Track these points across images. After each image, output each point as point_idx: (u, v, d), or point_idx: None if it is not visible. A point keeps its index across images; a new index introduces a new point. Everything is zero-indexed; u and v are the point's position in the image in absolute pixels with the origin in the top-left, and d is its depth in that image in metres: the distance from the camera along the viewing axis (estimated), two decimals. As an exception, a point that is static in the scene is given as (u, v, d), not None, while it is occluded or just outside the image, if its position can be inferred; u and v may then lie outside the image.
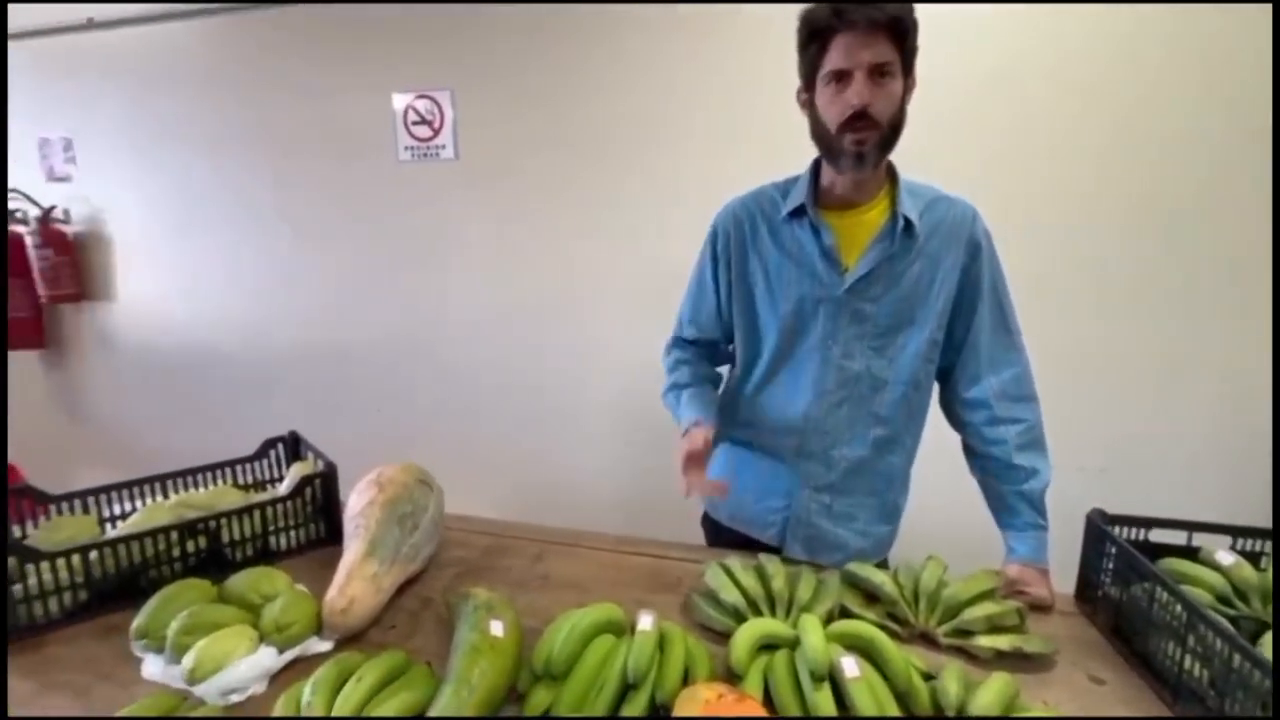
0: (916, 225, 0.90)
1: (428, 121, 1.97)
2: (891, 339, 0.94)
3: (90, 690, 0.72)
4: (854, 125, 0.83)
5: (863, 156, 0.85)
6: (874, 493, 1.02)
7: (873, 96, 0.82)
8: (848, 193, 0.92)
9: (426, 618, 0.87)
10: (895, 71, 0.83)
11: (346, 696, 0.63)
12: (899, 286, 0.92)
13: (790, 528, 1.02)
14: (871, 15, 0.79)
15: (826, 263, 0.93)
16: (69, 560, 0.83)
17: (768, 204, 0.99)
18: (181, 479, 1.11)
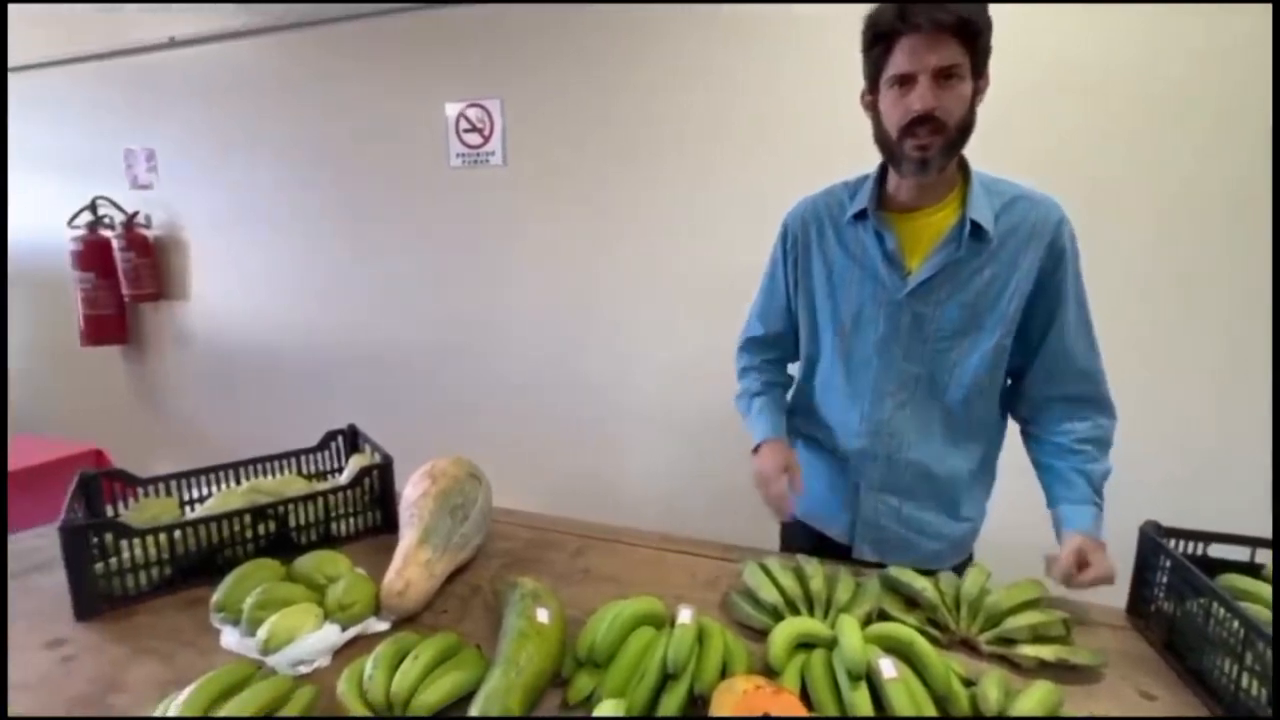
0: (989, 229, 0.86)
1: (478, 129, 2.04)
2: (957, 343, 0.92)
3: (175, 656, 0.79)
4: (916, 130, 0.82)
5: (926, 162, 0.83)
6: (944, 497, 0.99)
7: (938, 100, 0.80)
8: (913, 195, 0.90)
9: (475, 604, 0.91)
10: (963, 74, 0.80)
11: (405, 672, 0.67)
12: (966, 291, 0.89)
13: (858, 529, 1.02)
14: (937, 17, 0.77)
15: (889, 266, 0.92)
16: (156, 538, 0.91)
17: (835, 205, 0.99)
18: (252, 466, 1.19)
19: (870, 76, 0.87)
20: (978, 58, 0.81)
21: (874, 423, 0.97)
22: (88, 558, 0.86)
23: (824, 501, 1.06)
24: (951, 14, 0.76)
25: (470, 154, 2.07)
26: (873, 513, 1.01)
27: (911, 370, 0.93)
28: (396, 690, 0.66)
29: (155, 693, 0.72)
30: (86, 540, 0.86)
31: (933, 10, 0.76)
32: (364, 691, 0.67)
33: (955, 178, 0.91)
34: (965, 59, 0.79)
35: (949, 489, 0.99)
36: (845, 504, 1.03)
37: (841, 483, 1.03)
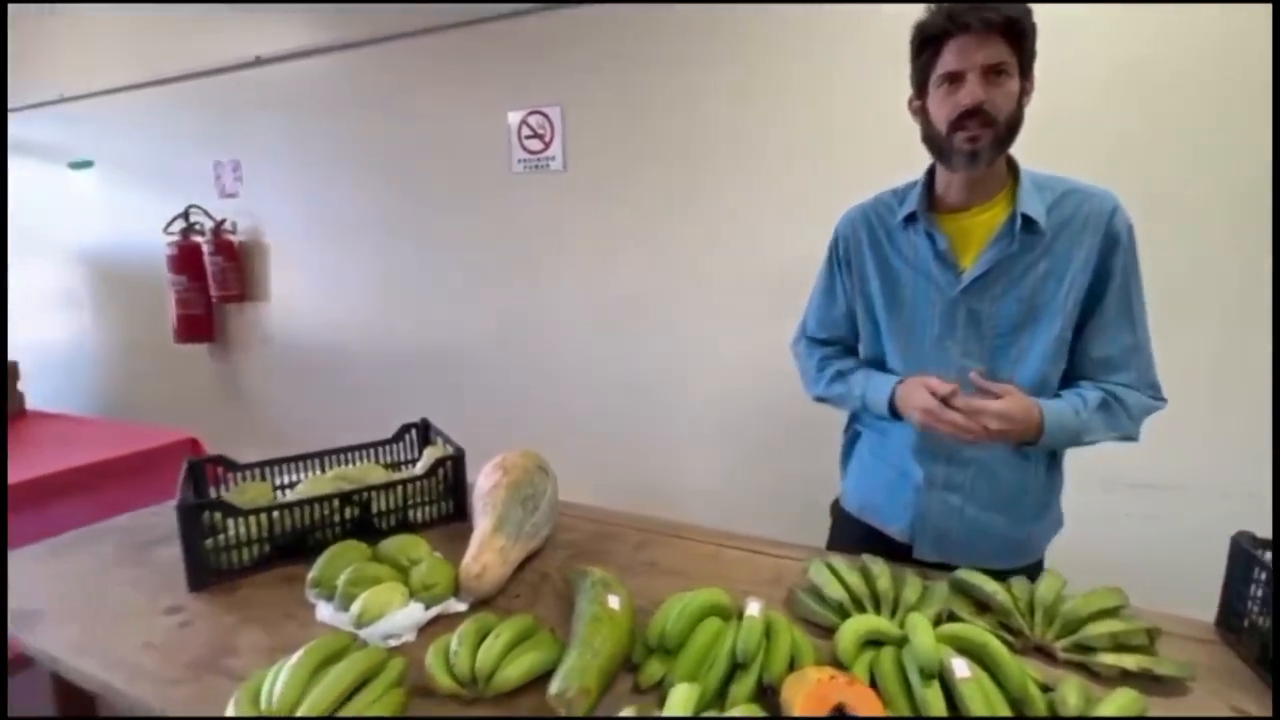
0: (1041, 222, 0.87)
1: (539, 135, 2.11)
2: (1015, 339, 0.92)
3: (277, 626, 0.86)
4: (966, 123, 0.84)
5: (976, 154, 0.85)
6: (1008, 497, 0.98)
7: (987, 94, 0.82)
8: (963, 195, 0.92)
9: (545, 590, 0.95)
10: (1011, 71, 0.83)
11: (488, 648, 0.72)
12: (1021, 286, 0.90)
13: (918, 529, 1.02)
14: (986, 17, 0.80)
15: (941, 266, 0.94)
16: (258, 518, 0.99)
17: (885, 210, 1.01)
18: (335, 456, 1.27)
19: (918, 80, 0.90)
20: (1024, 58, 0.84)
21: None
22: (200, 534, 0.94)
23: (885, 500, 1.06)
24: (999, 14, 0.80)
25: (531, 159, 2.14)
26: (934, 512, 1.00)
27: (971, 367, 0.92)
28: (480, 665, 0.70)
29: (263, 658, 0.79)
30: (198, 519, 0.94)
31: (980, 10, 0.80)
32: (450, 665, 0.71)
33: (1004, 176, 0.92)
34: (1012, 58, 0.82)
35: (1012, 489, 0.97)
36: (906, 503, 1.02)
37: (903, 482, 1.03)
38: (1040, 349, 0.91)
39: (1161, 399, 0.93)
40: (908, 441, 1.01)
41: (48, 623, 0.87)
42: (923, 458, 0.99)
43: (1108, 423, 0.90)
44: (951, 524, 0.99)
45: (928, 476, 0.99)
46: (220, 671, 0.77)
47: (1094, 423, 0.89)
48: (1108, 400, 0.90)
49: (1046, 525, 1.03)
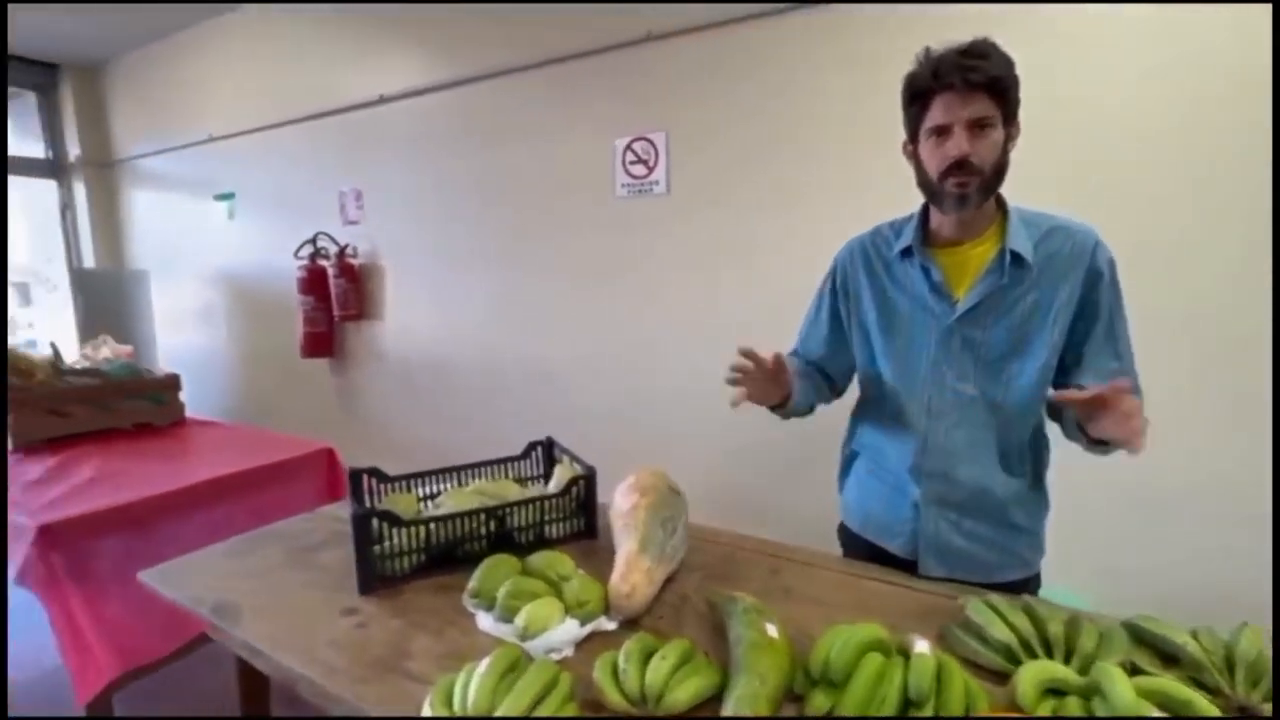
0: (1028, 258, 0.94)
1: (643, 160, 2.17)
2: (1005, 365, 0.99)
3: (443, 633, 0.92)
4: (954, 173, 0.91)
5: (965, 199, 0.93)
6: (1001, 512, 1.04)
7: (972, 147, 0.90)
8: (955, 231, 0.99)
9: (686, 612, 0.97)
10: (995, 123, 0.90)
11: (655, 669, 0.74)
12: (1011, 316, 0.97)
13: (922, 545, 1.07)
14: (968, 78, 0.87)
15: (936, 296, 1.01)
16: (417, 529, 1.06)
17: (882, 242, 1.09)
18: (471, 470, 1.34)
19: (910, 129, 0.98)
20: (1008, 109, 0.91)
21: (930, 442, 1.04)
22: (370, 541, 1.02)
23: (885, 518, 1.12)
24: (982, 74, 0.87)
25: (635, 184, 2.20)
26: (934, 528, 1.06)
27: (965, 391, 1.01)
28: (650, 684, 0.72)
29: (434, 663, 0.85)
30: (369, 527, 1.02)
31: (964, 72, 0.87)
32: (619, 683, 0.74)
33: (994, 213, 0.99)
34: (996, 111, 0.90)
35: (1005, 503, 1.04)
36: (905, 520, 1.08)
37: (901, 500, 1.09)
38: (1028, 375, 0.98)
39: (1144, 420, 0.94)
40: (904, 463, 1.07)
41: (245, 617, 0.97)
42: (918, 475, 1.06)
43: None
44: (953, 538, 1.05)
45: (924, 493, 1.05)
46: (401, 672, 0.83)
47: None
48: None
49: (1039, 539, 1.09)
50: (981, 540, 1.05)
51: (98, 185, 4.10)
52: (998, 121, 0.90)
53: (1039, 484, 1.08)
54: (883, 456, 1.13)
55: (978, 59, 0.88)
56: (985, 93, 0.88)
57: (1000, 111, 0.90)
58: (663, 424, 2.28)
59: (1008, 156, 0.94)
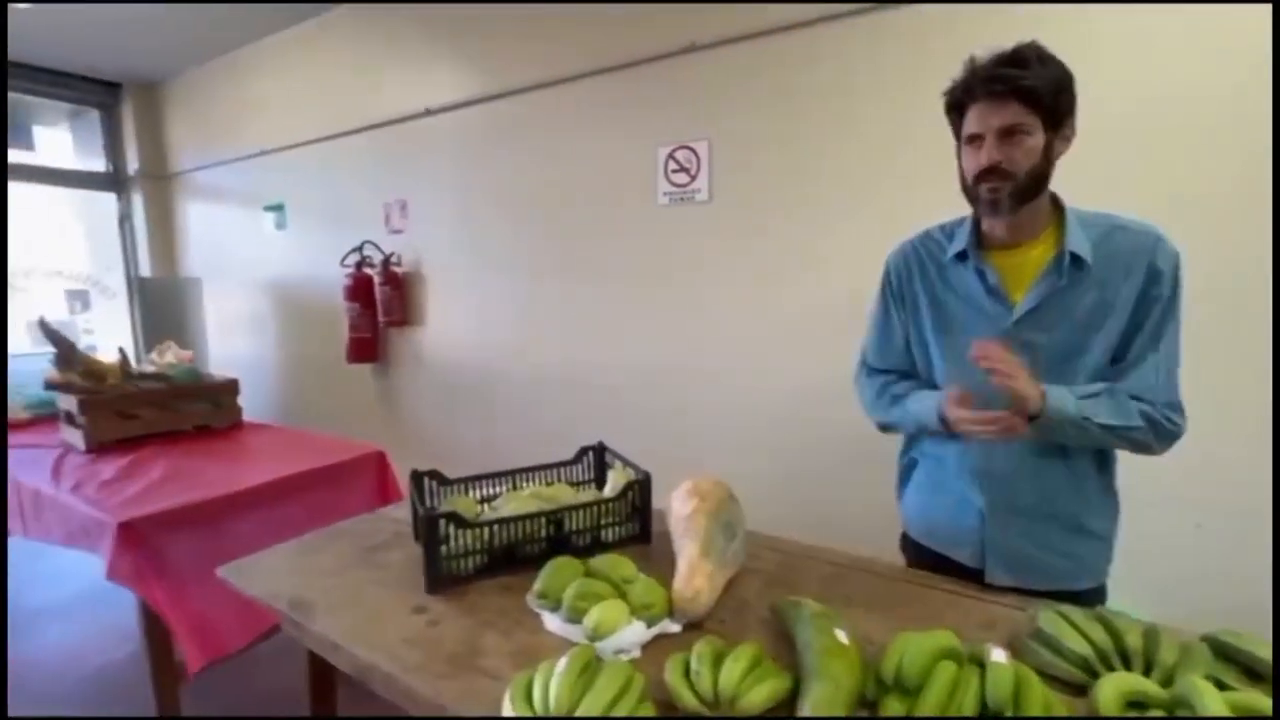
0: (1088, 258, 0.94)
1: (686, 169, 2.19)
2: (1067, 366, 0.98)
3: (512, 632, 0.94)
4: (987, 179, 0.93)
5: (996, 204, 0.94)
6: (1068, 514, 1.03)
7: (1003, 154, 0.91)
8: (1008, 234, 0.99)
9: (747, 617, 0.98)
10: (1029, 130, 0.91)
11: (729, 671, 0.75)
12: (1071, 317, 0.97)
13: (989, 551, 1.06)
14: (994, 88, 0.90)
15: (993, 300, 1.01)
16: (481, 530, 1.09)
17: (934, 245, 1.10)
18: (523, 474, 1.37)
19: (955, 133, 1.01)
20: (1047, 115, 0.91)
21: (992, 447, 1.02)
22: (438, 542, 1.06)
23: (950, 526, 1.11)
24: (1009, 83, 0.89)
25: (677, 192, 2.22)
26: (1002, 534, 1.05)
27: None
28: (723, 687, 0.73)
29: (506, 660, 0.87)
30: (438, 528, 1.06)
31: (994, 82, 0.90)
32: (692, 684, 0.75)
33: (1049, 214, 0.99)
34: (1031, 118, 0.90)
35: (1074, 508, 1.03)
36: (971, 529, 1.07)
37: (966, 507, 1.08)
38: (1087, 374, 0.98)
39: (1177, 421, 0.96)
40: (967, 466, 1.06)
41: (320, 612, 1.01)
42: (984, 482, 1.05)
43: (1113, 408, 0.93)
44: (1021, 543, 1.04)
45: (990, 501, 1.04)
46: (475, 669, 0.86)
47: (1096, 405, 0.92)
48: (1112, 389, 0.95)
49: (1109, 543, 1.07)
50: (1052, 547, 1.03)
51: (154, 197, 4.29)
52: (1033, 128, 0.91)
53: (1108, 487, 1.06)
54: (943, 464, 1.12)
55: (1012, 67, 0.89)
56: (1017, 101, 0.89)
57: (1038, 118, 0.90)
58: (704, 431, 2.28)
59: (1050, 162, 0.94)
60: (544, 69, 2.44)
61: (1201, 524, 1.52)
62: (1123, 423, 0.93)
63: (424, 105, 2.82)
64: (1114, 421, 0.93)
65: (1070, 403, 0.92)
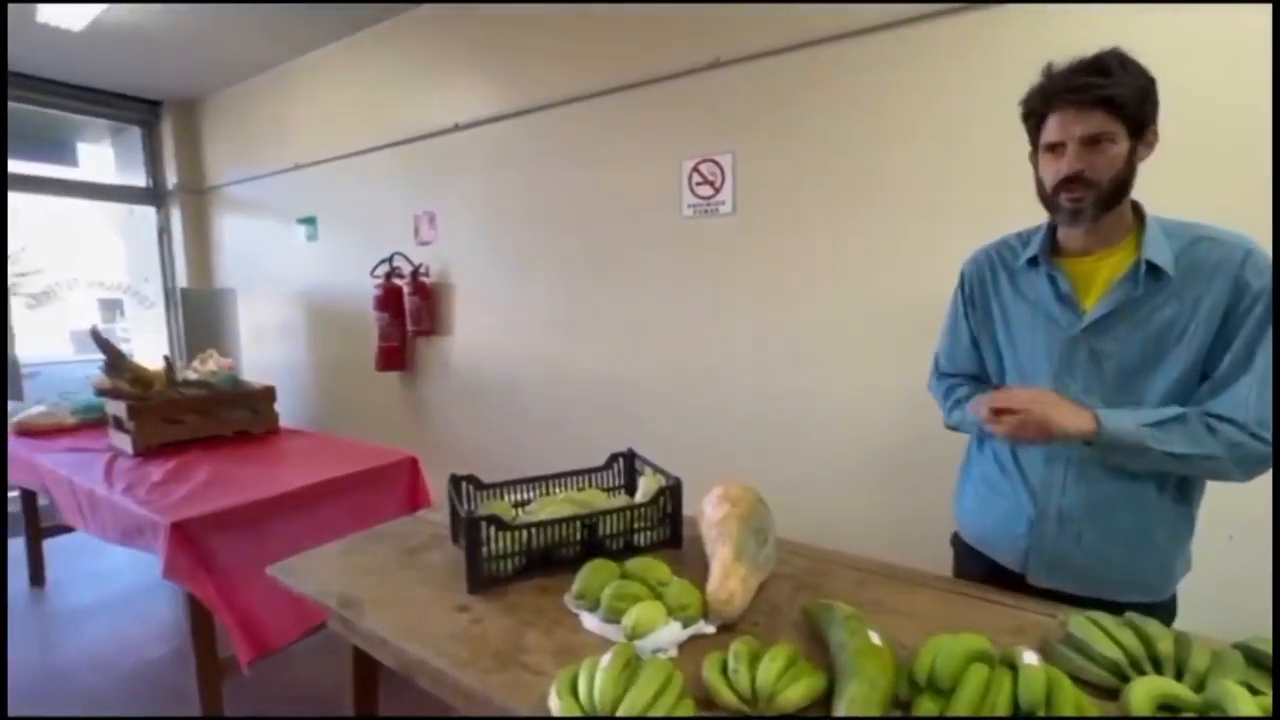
0: (1167, 268, 0.92)
1: (710, 182, 2.23)
2: (1136, 379, 0.96)
3: (552, 631, 0.98)
4: (1069, 187, 0.92)
5: (1078, 213, 0.94)
6: (1128, 530, 1.00)
7: (1086, 163, 0.91)
8: (1084, 242, 0.99)
9: (780, 620, 1.01)
10: (1113, 138, 0.90)
11: (766, 669, 0.78)
12: (1146, 328, 0.94)
13: (1033, 555, 1.06)
14: (1078, 99, 0.89)
15: (1063, 306, 1.01)
16: (520, 533, 1.13)
17: (1008, 252, 1.10)
18: (555, 480, 1.42)
19: (1031, 140, 1.00)
20: (1131, 123, 0.89)
21: (1052, 453, 1.03)
22: (479, 544, 1.10)
23: (1001, 530, 1.11)
24: (1091, 94, 0.88)
25: (701, 204, 2.26)
26: (1052, 540, 1.04)
27: (1091, 404, 0.97)
28: (761, 684, 0.76)
29: (549, 657, 0.91)
30: (479, 530, 1.10)
31: (1075, 94, 0.89)
32: (730, 681, 0.78)
33: (1129, 222, 0.98)
34: (1115, 126, 0.89)
35: (1133, 521, 1.00)
36: (1019, 535, 1.07)
37: (1019, 512, 1.07)
38: (1160, 389, 0.95)
39: (1266, 439, 0.89)
40: (1027, 474, 1.06)
41: (368, 610, 1.06)
42: (1042, 489, 1.04)
43: (1186, 436, 0.90)
44: (1070, 549, 1.03)
45: (1041, 510, 1.04)
46: (520, 665, 0.89)
47: (1163, 432, 0.90)
48: (1186, 415, 0.91)
49: (1173, 565, 1.04)
50: (1101, 555, 1.02)
51: (192, 210, 4.45)
52: (1117, 136, 0.90)
53: (1181, 504, 1.01)
54: (1003, 470, 1.11)
55: (1095, 76, 0.88)
56: (1101, 109, 0.88)
57: (1122, 126, 0.89)
58: (730, 438, 2.31)
59: (1132, 169, 0.93)
60: (570, 85, 2.51)
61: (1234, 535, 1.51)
62: (1195, 451, 0.90)
63: (454, 121, 2.90)
64: (1184, 450, 0.90)
65: (1130, 428, 0.90)
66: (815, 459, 2.13)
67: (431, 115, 2.99)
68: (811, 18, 1.95)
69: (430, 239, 3.12)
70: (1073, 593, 1.03)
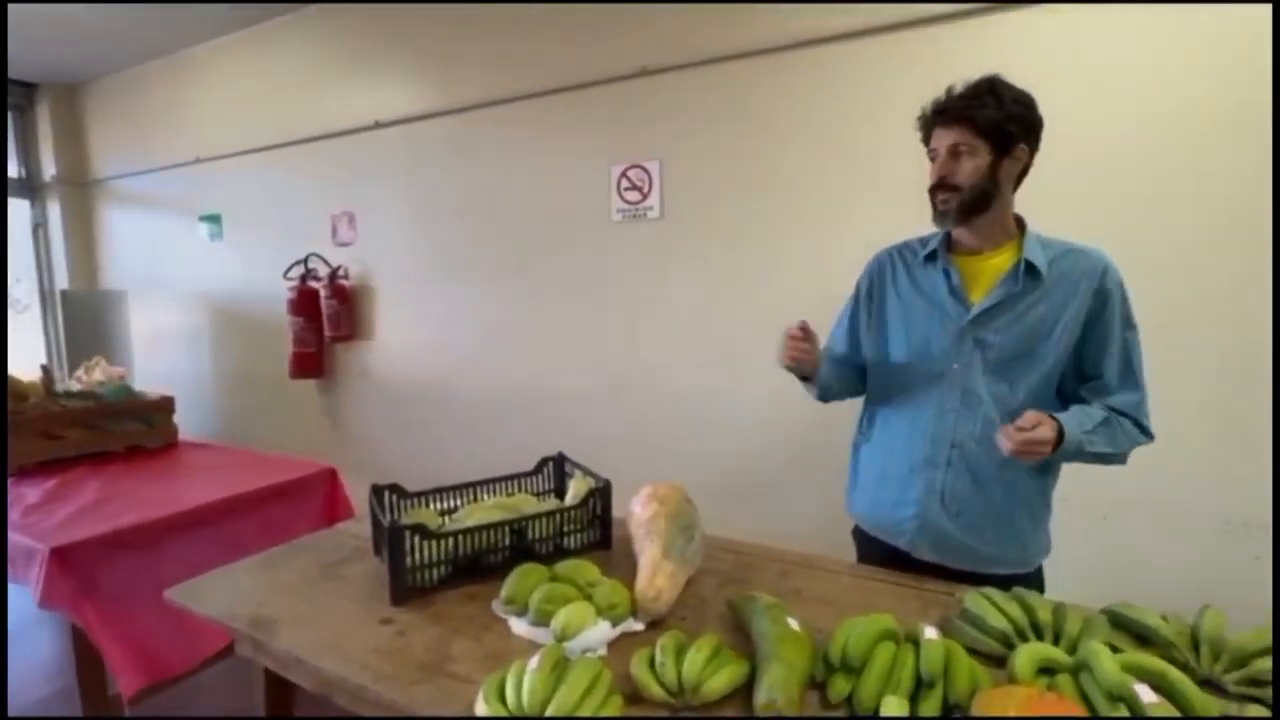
0: (1043, 270, 1.06)
1: (638, 187, 2.27)
2: (1013, 367, 1.09)
3: (480, 637, 0.97)
4: (938, 190, 1.08)
5: (945, 213, 1.09)
6: (1001, 507, 1.12)
7: (949, 170, 1.06)
8: (972, 242, 1.13)
9: (706, 613, 1.04)
10: (975, 151, 1.04)
11: (692, 661, 0.80)
12: (1022, 322, 1.07)
13: (919, 530, 1.16)
14: (949, 115, 1.05)
15: (953, 298, 1.12)
16: (446, 541, 1.11)
17: (909, 251, 1.23)
18: (484, 486, 1.39)
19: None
20: (998, 140, 1.03)
21: (937, 434, 1.14)
22: (404, 554, 1.07)
23: (892, 510, 1.20)
24: (959, 112, 1.04)
25: (630, 209, 2.29)
26: (935, 515, 1.14)
27: (974, 389, 1.11)
28: (687, 675, 0.79)
29: (479, 665, 0.90)
30: (403, 540, 1.07)
31: (947, 111, 1.05)
32: (657, 675, 0.80)
33: (1012, 229, 1.12)
34: (977, 140, 1.04)
35: (1005, 500, 1.12)
36: (910, 514, 1.17)
37: (909, 495, 1.17)
38: (1034, 377, 1.09)
39: (1148, 435, 1.08)
40: (912, 455, 1.16)
41: (283, 629, 1.00)
42: (926, 468, 1.14)
43: (1109, 437, 1.04)
44: (949, 526, 1.13)
45: (928, 482, 1.14)
46: (447, 674, 0.88)
47: (1097, 436, 1.03)
48: (1110, 418, 1.05)
49: (1034, 542, 1.16)
50: (980, 533, 1.13)
51: (73, 204, 4.04)
52: (978, 150, 1.04)
53: (1040, 490, 1.16)
54: (894, 450, 1.20)
55: (966, 99, 1.04)
56: (966, 125, 1.04)
57: (985, 141, 1.04)
58: (658, 440, 2.34)
59: (996, 181, 1.05)
60: (499, 86, 2.47)
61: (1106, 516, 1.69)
62: (1111, 450, 1.04)
63: (374, 118, 2.80)
64: (1105, 449, 1.03)
65: (1076, 436, 1.00)
66: (741, 456, 2.20)
67: (350, 111, 2.87)
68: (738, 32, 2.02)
69: (349, 240, 2.99)
70: (949, 566, 1.15)
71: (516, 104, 2.46)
